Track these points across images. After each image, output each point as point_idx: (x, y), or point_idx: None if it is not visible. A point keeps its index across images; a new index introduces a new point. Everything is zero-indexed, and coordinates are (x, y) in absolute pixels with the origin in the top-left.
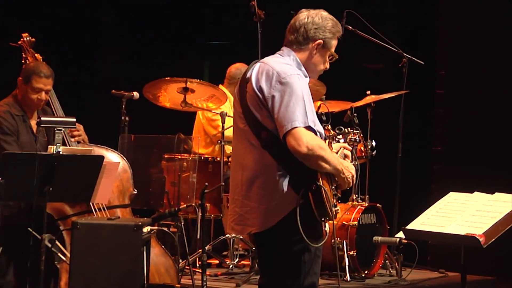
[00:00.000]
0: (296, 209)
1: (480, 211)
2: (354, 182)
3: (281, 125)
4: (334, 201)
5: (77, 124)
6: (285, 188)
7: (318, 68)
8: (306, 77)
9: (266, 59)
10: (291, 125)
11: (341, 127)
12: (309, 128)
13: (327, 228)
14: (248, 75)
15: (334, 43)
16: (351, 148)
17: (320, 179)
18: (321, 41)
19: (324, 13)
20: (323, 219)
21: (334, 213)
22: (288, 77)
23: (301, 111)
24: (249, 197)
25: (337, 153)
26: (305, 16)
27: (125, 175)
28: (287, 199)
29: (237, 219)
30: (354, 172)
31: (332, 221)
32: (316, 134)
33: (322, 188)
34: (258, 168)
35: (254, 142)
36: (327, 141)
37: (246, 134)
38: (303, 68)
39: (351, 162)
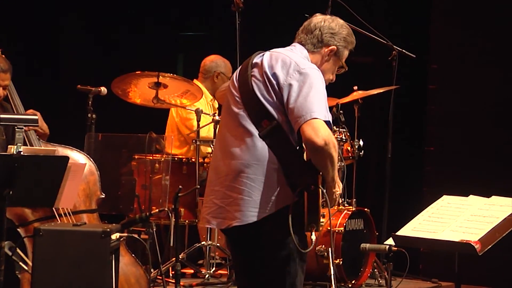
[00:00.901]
0: (289, 208)
1: (475, 216)
2: (335, 203)
3: (298, 115)
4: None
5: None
6: (279, 183)
7: (326, 76)
8: None
9: (276, 49)
10: (310, 115)
11: None
12: (328, 124)
13: (313, 237)
14: (254, 61)
15: (346, 53)
16: None
17: (320, 182)
18: (335, 47)
19: (340, 21)
20: (310, 228)
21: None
22: (308, 69)
23: (321, 105)
24: (233, 188)
25: None
26: (321, 19)
27: (92, 178)
28: (278, 195)
29: (216, 211)
30: (340, 191)
31: (317, 232)
32: None
33: (321, 190)
34: (249, 157)
35: (250, 129)
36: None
37: (242, 119)
38: None
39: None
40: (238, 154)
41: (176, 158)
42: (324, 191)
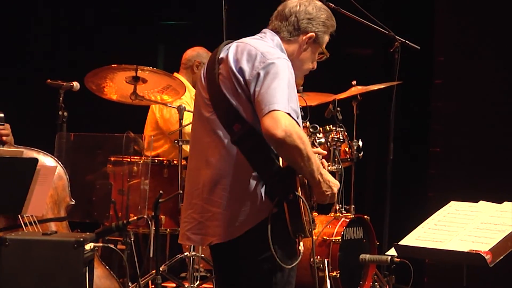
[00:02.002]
0: (268, 220)
1: (486, 223)
2: (334, 200)
3: (259, 109)
4: (312, 216)
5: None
6: (257, 193)
7: (305, 66)
8: None
9: (243, 39)
10: (269, 107)
11: (315, 125)
12: (289, 116)
13: (301, 247)
14: (221, 56)
15: (326, 38)
16: (325, 153)
17: (299, 188)
18: (313, 34)
19: (318, 3)
20: (297, 235)
21: (311, 229)
22: (275, 59)
23: (284, 96)
24: (212, 201)
25: None
26: (296, 3)
27: (60, 183)
28: (258, 207)
29: (196, 227)
30: (336, 190)
31: (309, 238)
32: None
33: (301, 199)
34: (225, 166)
35: (223, 135)
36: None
37: (213, 125)
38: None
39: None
40: (213, 164)
41: (156, 160)
42: (302, 199)
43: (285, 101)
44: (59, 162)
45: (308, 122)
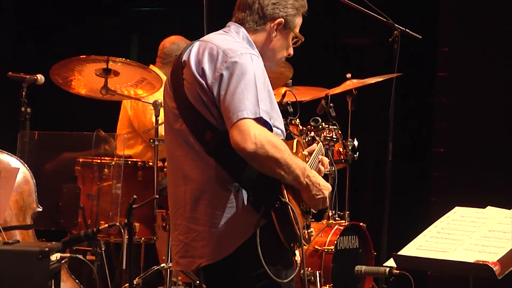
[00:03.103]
0: (256, 234)
1: (494, 231)
2: (326, 205)
3: (226, 118)
4: (307, 220)
5: None
6: (242, 205)
7: (278, 55)
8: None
9: (206, 37)
10: (237, 116)
11: (317, 118)
12: (260, 121)
13: (297, 257)
14: (183, 58)
15: (298, 21)
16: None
17: (285, 193)
18: (282, 19)
19: None
20: (292, 244)
21: (307, 236)
22: (237, 56)
23: (252, 99)
24: (196, 220)
25: (306, 161)
26: None
27: (26, 187)
28: (245, 220)
29: (182, 249)
30: (327, 193)
31: (303, 247)
32: (269, 130)
33: (289, 206)
34: (205, 180)
35: (196, 146)
36: (302, 138)
37: (184, 136)
38: (256, 49)
39: (326, 169)
40: (192, 178)
41: (129, 162)
42: (290, 205)
43: (253, 104)
44: (25, 164)
45: (298, 119)
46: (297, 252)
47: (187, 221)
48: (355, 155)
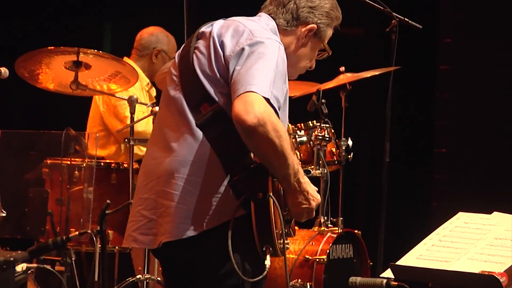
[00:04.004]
0: (229, 223)
1: (501, 239)
2: (311, 216)
3: (234, 90)
4: (284, 229)
5: None
6: (221, 189)
7: (302, 63)
8: None
9: (234, 17)
10: (245, 88)
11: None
12: (268, 102)
13: (267, 262)
14: (202, 29)
15: (329, 33)
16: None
17: (271, 187)
18: (314, 26)
19: None
20: (264, 248)
21: (284, 246)
22: (265, 38)
23: (265, 80)
24: (166, 194)
25: None
26: None
27: None
28: (221, 204)
29: (145, 225)
30: (314, 205)
31: (280, 257)
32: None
33: (272, 200)
34: (187, 153)
35: (189, 116)
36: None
37: (178, 104)
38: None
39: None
40: (173, 149)
41: (102, 163)
42: (274, 200)
43: (267, 84)
44: None
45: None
46: (268, 258)
47: (156, 195)
48: (349, 156)
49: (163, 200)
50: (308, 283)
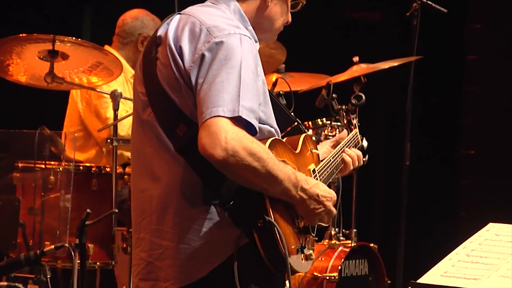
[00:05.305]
0: (233, 257)
1: None
2: (332, 216)
3: (199, 113)
4: (303, 241)
5: None
6: (219, 218)
7: (276, 23)
8: (256, 41)
9: (189, 8)
10: (209, 112)
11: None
12: (239, 120)
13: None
14: (159, 33)
15: None
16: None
17: (270, 209)
18: None
19: None
20: (281, 271)
21: (304, 259)
22: (224, 36)
23: (232, 92)
24: (162, 233)
25: (320, 160)
26: None
27: None
28: (222, 236)
29: (144, 269)
30: (330, 204)
31: (290, 276)
32: (253, 133)
33: (275, 227)
34: (173, 182)
35: (166, 141)
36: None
37: (154, 129)
38: (250, 27)
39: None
40: (161, 179)
41: (81, 167)
42: (276, 226)
43: (233, 100)
44: None
45: (292, 113)
46: (286, 282)
47: (151, 235)
48: (364, 159)
49: (160, 240)
50: None
